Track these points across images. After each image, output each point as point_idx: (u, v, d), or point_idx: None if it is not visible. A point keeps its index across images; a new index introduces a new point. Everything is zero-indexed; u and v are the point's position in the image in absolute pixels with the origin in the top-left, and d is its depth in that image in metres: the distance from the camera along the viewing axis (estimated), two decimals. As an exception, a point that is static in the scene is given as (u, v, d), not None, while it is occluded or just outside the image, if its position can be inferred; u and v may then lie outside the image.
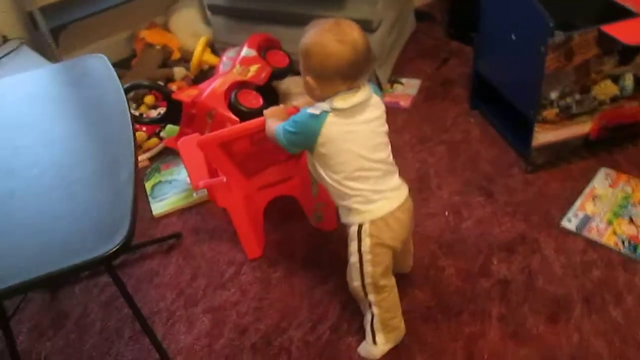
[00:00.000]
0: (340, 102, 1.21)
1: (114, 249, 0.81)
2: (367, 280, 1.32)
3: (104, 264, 0.87)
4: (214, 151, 1.48)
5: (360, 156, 1.24)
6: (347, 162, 1.24)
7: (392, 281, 1.37)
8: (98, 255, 0.81)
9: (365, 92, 1.23)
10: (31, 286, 0.83)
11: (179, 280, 1.72)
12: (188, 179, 2.02)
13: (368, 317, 1.39)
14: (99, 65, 1.32)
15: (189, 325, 1.58)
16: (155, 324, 1.59)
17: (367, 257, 1.29)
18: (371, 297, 1.35)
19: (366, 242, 1.28)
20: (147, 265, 1.78)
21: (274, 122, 1.33)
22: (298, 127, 1.25)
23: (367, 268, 1.30)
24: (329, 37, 1.17)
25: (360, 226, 1.28)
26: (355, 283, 1.35)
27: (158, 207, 1.96)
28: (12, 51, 2.13)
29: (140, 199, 1.88)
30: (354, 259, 1.32)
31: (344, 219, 1.35)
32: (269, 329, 1.54)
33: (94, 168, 1.00)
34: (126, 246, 0.82)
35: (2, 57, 2.09)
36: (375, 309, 1.36)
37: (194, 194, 1.99)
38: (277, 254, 1.75)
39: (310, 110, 1.23)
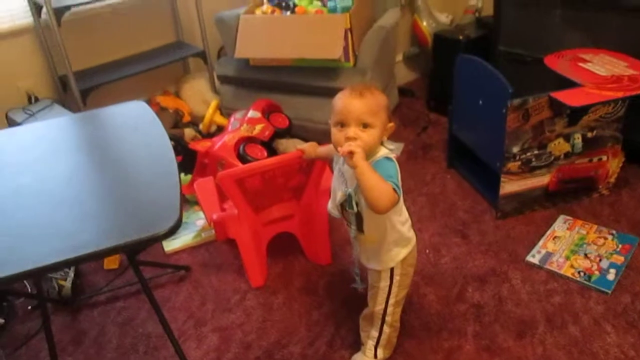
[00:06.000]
0: (389, 145, 1.39)
1: (170, 227, 1.05)
2: (392, 301, 1.50)
3: (163, 239, 1.09)
4: (230, 186, 1.74)
5: None
6: (401, 198, 1.35)
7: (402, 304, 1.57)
8: (158, 232, 1.05)
9: None
10: (104, 254, 1.05)
11: (189, 305, 1.91)
12: (198, 222, 2.27)
13: (374, 334, 1.56)
14: (142, 110, 1.60)
15: (199, 342, 1.76)
16: (168, 342, 1.75)
17: (398, 279, 1.48)
18: (388, 318, 1.53)
19: (398, 266, 1.47)
20: (159, 294, 1.97)
21: (383, 181, 1.25)
22: (397, 176, 1.30)
23: (395, 290, 1.49)
24: None
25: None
26: (378, 307, 1.51)
27: (170, 245, 2.18)
28: (46, 107, 2.43)
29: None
30: (384, 283, 1.48)
31: (394, 260, 1.45)
32: (271, 345, 1.72)
33: (147, 178, 1.26)
34: (177, 226, 1.07)
35: (38, 111, 2.37)
36: (387, 328, 1.55)
37: (202, 234, 2.22)
38: (278, 283, 1.97)
39: (388, 156, 1.32)
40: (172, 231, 1.07)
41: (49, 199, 1.23)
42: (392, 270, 1.48)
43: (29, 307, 1.93)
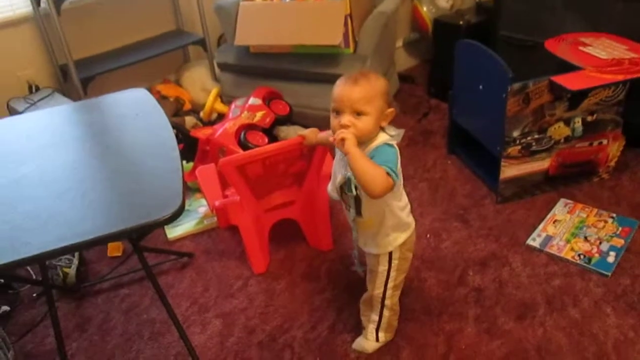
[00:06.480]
0: (391, 130, 1.36)
1: (173, 213, 1.07)
2: (390, 285, 1.51)
3: (165, 225, 1.10)
4: (232, 172, 1.75)
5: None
6: (401, 183, 1.40)
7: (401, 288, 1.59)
8: (161, 217, 1.06)
9: None
10: (107, 239, 1.07)
11: (192, 292, 1.93)
12: (200, 209, 2.29)
13: (374, 318, 1.59)
14: (143, 97, 1.61)
15: (203, 327, 1.78)
16: (172, 327, 1.77)
17: (396, 263, 1.49)
18: (387, 302, 1.55)
19: (397, 250, 1.48)
20: (163, 280, 1.98)
21: (375, 166, 1.27)
22: (396, 162, 1.31)
23: (393, 274, 1.50)
24: None
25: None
26: (377, 291, 1.53)
27: (173, 232, 2.19)
28: (47, 96, 2.43)
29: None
30: (382, 267, 1.50)
31: (392, 244, 1.46)
32: (273, 329, 1.74)
33: (150, 165, 1.27)
34: (180, 211, 1.08)
35: (39, 100, 2.38)
36: (386, 312, 1.57)
37: (205, 222, 2.23)
38: (280, 270, 1.98)
39: (388, 142, 1.33)
40: (175, 216, 1.09)
41: (52, 188, 1.25)
42: (390, 254, 1.49)
43: (34, 295, 1.95)
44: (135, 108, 1.57)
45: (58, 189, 1.24)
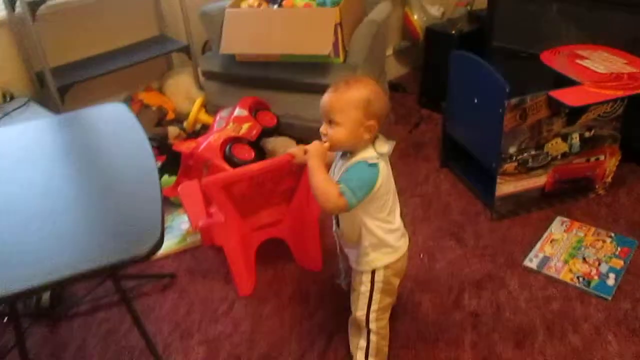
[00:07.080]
0: (382, 147, 1.29)
1: (151, 247, 0.97)
2: (374, 307, 1.43)
3: (144, 261, 1.00)
4: (217, 192, 1.65)
5: (394, 192, 1.37)
6: (388, 201, 1.34)
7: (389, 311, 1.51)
8: (139, 253, 0.96)
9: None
10: (80, 278, 0.97)
11: (174, 315, 1.82)
12: (182, 226, 2.18)
13: (362, 344, 1.49)
14: (121, 113, 1.51)
15: (185, 355, 1.68)
16: (152, 355, 1.67)
17: (380, 286, 1.40)
18: (372, 326, 1.45)
19: (380, 273, 1.40)
20: (143, 302, 1.88)
21: (329, 183, 1.25)
22: (365, 183, 1.25)
23: (377, 296, 1.42)
24: (378, 88, 1.29)
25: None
26: (360, 312, 1.45)
27: (154, 250, 2.08)
28: (21, 106, 2.31)
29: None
30: (364, 287, 1.42)
31: (370, 264, 1.39)
32: (260, 357, 1.65)
33: (127, 190, 1.17)
34: (158, 247, 0.98)
35: (12, 111, 2.26)
36: (373, 337, 1.48)
37: (187, 239, 2.13)
38: (267, 292, 1.89)
39: (369, 162, 1.26)
40: (154, 251, 0.99)
41: (18, 215, 1.14)
42: (373, 275, 1.41)
43: (4, 320, 1.84)
44: (113, 125, 1.47)
45: (26, 217, 1.14)
